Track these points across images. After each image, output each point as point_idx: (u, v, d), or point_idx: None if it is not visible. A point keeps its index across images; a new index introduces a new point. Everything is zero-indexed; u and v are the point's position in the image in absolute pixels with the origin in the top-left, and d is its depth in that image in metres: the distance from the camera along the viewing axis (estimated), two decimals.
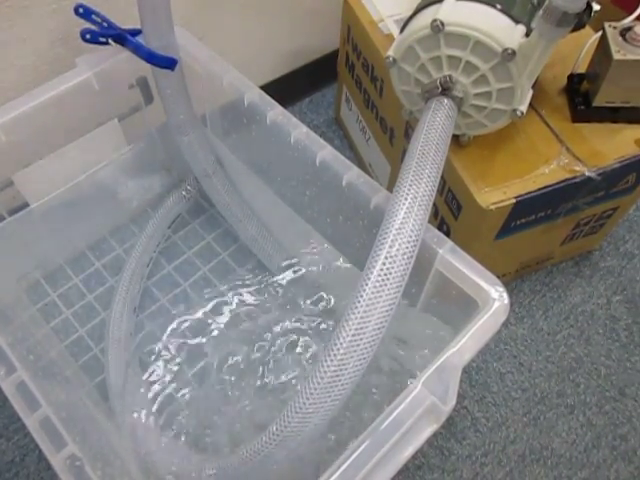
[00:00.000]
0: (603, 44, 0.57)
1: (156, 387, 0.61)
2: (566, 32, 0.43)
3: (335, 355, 0.36)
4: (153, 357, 0.63)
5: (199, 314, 0.67)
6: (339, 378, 0.36)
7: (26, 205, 0.60)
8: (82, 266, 0.68)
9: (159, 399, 0.61)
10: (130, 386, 0.60)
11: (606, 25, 0.57)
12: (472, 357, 0.40)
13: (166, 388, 0.61)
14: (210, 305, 0.68)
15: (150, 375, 0.62)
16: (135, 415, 0.57)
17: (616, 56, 0.54)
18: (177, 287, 0.70)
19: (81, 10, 0.56)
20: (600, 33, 0.58)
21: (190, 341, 0.65)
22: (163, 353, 0.64)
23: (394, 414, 0.37)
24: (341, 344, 0.36)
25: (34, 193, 0.60)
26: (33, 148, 0.57)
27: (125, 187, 0.67)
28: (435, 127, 0.44)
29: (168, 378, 0.62)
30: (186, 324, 0.66)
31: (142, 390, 0.60)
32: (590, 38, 0.64)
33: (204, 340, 0.65)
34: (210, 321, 0.66)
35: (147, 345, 0.65)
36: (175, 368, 0.63)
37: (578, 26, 0.47)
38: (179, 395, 0.61)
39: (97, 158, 0.63)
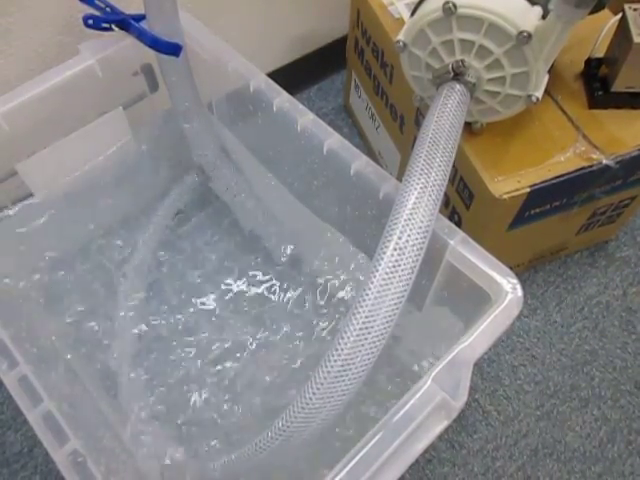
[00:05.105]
0: (623, 27, 0.55)
1: (162, 381, 0.61)
2: (585, 13, 0.41)
3: (342, 349, 0.35)
4: (160, 351, 0.63)
5: (206, 306, 0.66)
6: (346, 373, 0.36)
7: (30, 195, 0.60)
8: (87, 257, 0.67)
9: (165, 393, 0.60)
10: (137, 380, 0.59)
11: (626, 7, 0.55)
12: (484, 352, 0.39)
13: (172, 382, 0.61)
14: (218, 296, 0.67)
15: (157, 369, 0.61)
16: (140, 409, 0.57)
17: (637, 39, 0.53)
18: (184, 279, 0.69)
19: None
20: (620, 15, 0.56)
21: (198, 334, 0.64)
22: (171, 346, 0.63)
23: (403, 410, 0.36)
24: (348, 338, 0.35)
25: (38, 183, 0.59)
26: (36, 137, 0.56)
27: (130, 176, 0.66)
28: (447, 114, 0.43)
29: (175, 371, 0.61)
30: (193, 317, 0.65)
31: (148, 384, 0.60)
32: (609, 21, 0.62)
33: (211, 333, 0.64)
34: (218, 312, 0.66)
35: (154, 338, 0.64)
36: (183, 362, 0.62)
37: (597, 7, 0.45)
38: (185, 390, 0.60)
39: (102, 147, 0.62)
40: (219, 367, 0.61)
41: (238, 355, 0.63)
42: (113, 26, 0.56)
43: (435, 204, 0.39)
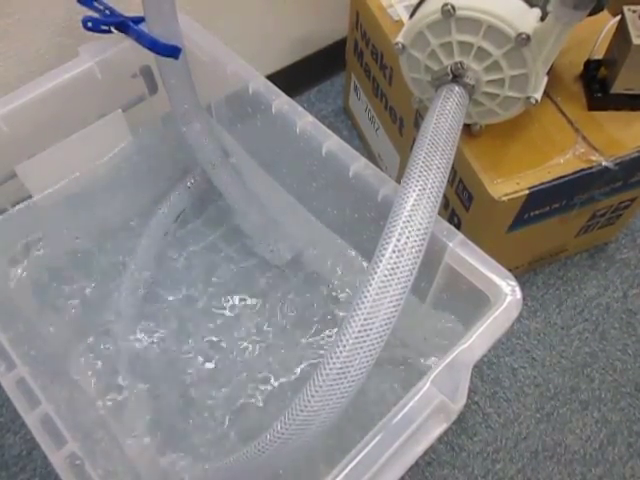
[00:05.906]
0: (622, 28, 0.55)
1: (162, 385, 0.61)
2: (584, 15, 0.41)
3: (341, 352, 0.35)
4: (159, 356, 0.63)
5: (205, 309, 0.66)
6: (345, 375, 0.35)
7: (29, 197, 0.60)
8: (86, 260, 0.67)
9: (166, 396, 0.60)
10: (135, 386, 0.59)
11: (625, 9, 0.55)
12: (483, 354, 0.39)
13: (172, 385, 0.61)
14: (216, 300, 0.67)
15: (156, 374, 0.61)
16: (140, 410, 0.57)
17: (636, 41, 0.53)
18: (182, 282, 0.69)
19: None
20: (619, 17, 0.56)
21: (197, 338, 0.64)
22: (171, 351, 0.63)
23: (401, 413, 0.36)
24: (347, 340, 0.35)
25: (37, 185, 0.59)
26: (36, 139, 0.56)
27: (129, 179, 0.66)
28: (445, 116, 0.43)
29: (175, 375, 0.61)
30: (191, 319, 0.65)
31: (147, 389, 0.60)
32: (608, 22, 0.62)
33: (212, 336, 0.64)
34: (217, 317, 0.65)
35: (152, 343, 0.64)
36: (182, 366, 0.62)
37: (596, 9, 0.45)
38: (186, 393, 0.60)
39: (101, 149, 0.62)
40: (223, 371, 0.61)
41: (240, 360, 0.62)
42: (112, 28, 0.56)
43: (434, 206, 0.39)
